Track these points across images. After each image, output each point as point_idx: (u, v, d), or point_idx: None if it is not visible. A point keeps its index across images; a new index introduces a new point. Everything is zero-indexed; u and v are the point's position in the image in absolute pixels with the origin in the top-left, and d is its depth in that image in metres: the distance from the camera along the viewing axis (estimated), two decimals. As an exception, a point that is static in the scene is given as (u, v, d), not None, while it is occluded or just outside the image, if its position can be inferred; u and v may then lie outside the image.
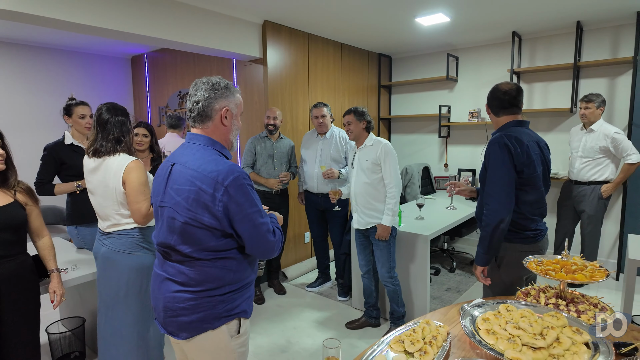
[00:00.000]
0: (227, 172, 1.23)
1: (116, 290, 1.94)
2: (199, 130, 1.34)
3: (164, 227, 1.32)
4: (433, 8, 3.39)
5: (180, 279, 1.28)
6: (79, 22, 2.63)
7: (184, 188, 1.24)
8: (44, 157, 2.57)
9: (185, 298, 1.27)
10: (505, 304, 1.28)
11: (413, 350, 1.29)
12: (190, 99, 1.33)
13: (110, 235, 1.93)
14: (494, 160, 1.80)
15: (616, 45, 3.86)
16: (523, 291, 1.57)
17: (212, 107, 1.31)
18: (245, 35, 3.58)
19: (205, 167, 1.24)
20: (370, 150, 2.69)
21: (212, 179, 1.22)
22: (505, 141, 1.79)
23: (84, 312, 2.69)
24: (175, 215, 1.26)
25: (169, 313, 1.30)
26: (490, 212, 1.78)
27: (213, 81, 1.32)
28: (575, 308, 1.39)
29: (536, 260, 1.53)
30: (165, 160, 1.40)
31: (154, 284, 1.39)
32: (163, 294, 1.32)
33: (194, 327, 1.28)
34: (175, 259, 1.30)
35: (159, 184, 1.36)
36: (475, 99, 4.78)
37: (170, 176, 1.30)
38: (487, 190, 1.81)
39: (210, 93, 1.30)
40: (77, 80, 4.98)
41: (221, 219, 1.23)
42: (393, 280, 2.73)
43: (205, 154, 1.28)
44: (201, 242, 1.25)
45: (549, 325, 1.15)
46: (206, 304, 1.28)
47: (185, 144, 1.36)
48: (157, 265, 1.40)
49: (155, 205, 1.37)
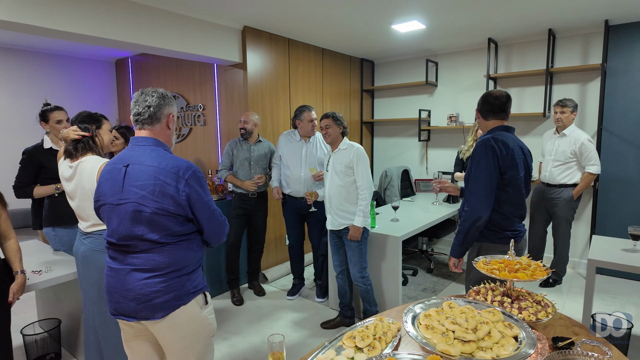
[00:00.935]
0: (186, 167, 1.45)
1: (98, 287, 2.01)
2: (146, 132, 1.52)
3: (125, 223, 1.44)
4: (408, 15, 3.48)
5: (150, 265, 1.43)
6: (58, 28, 2.67)
7: (148, 183, 1.41)
8: (23, 161, 2.61)
9: (156, 282, 1.43)
10: (448, 302, 1.36)
11: (363, 345, 1.36)
12: (139, 104, 1.51)
13: (90, 235, 2.01)
14: (479, 160, 1.91)
15: (586, 53, 3.99)
16: (475, 289, 1.65)
17: (161, 112, 1.52)
18: (225, 41, 3.64)
19: (166, 164, 1.43)
20: (344, 154, 2.77)
21: (174, 173, 1.42)
22: (492, 143, 1.90)
23: (60, 314, 2.73)
24: (141, 208, 1.41)
25: (142, 299, 1.43)
26: (470, 209, 1.90)
27: (161, 91, 1.54)
28: (518, 305, 1.47)
29: (484, 260, 1.61)
30: (112, 163, 1.51)
31: (113, 280, 1.47)
32: (131, 284, 1.43)
33: (168, 306, 1.44)
34: (142, 249, 1.44)
35: (112, 184, 1.48)
36: (453, 104, 4.89)
37: (127, 176, 1.44)
38: (470, 189, 1.92)
39: (160, 100, 1.51)
40: (60, 84, 5.00)
41: (184, 206, 1.44)
42: (364, 280, 2.80)
43: (159, 153, 1.47)
44: (168, 228, 1.43)
45: (484, 320, 1.22)
46: (176, 284, 1.46)
47: (134, 147, 1.50)
48: (115, 262, 1.49)
49: (110, 205, 1.48)
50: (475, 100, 4.66)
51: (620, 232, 3.53)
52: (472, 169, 1.95)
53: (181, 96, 4.58)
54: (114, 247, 1.48)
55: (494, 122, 2.04)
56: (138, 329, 1.55)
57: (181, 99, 4.58)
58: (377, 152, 5.71)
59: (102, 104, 5.38)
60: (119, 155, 1.52)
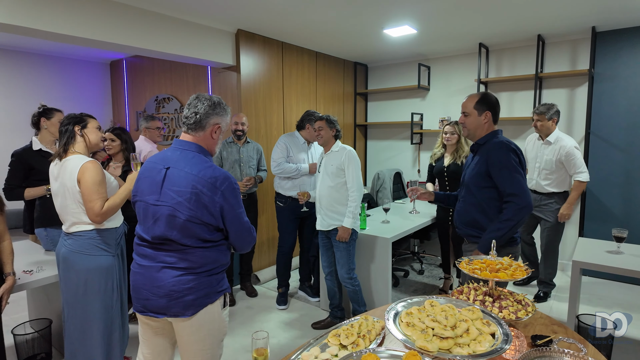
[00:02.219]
0: (223, 178, 1.49)
1: (75, 290, 2.01)
2: (190, 137, 1.55)
3: (160, 224, 1.48)
4: (399, 20, 3.54)
5: (183, 264, 1.48)
6: (53, 31, 2.70)
7: (186, 190, 1.45)
8: (13, 164, 2.62)
9: (189, 279, 1.47)
10: (430, 300, 1.40)
11: (347, 343, 1.39)
12: (190, 108, 1.54)
13: (71, 236, 2.01)
14: (507, 162, 1.90)
15: (574, 58, 4.07)
16: (458, 289, 1.69)
17: (208, 120, 1.55)
18: (218, 44, 3.68)
19: (204, 173, 1.47)
20: (336, 156, 2.81)
21: (211, 183, 1.46)
22: (512, 146, 1.95)
23: (51, 314, 2.73)
24: (176, 214, 1.45)
25: (174, 295, 1.47)
26: (518, 209, 1.88)
27: (215, 99, 1.57)
28: (499, 304, 1.51)
29: (467, 260, 1.65)
30: (154, 161, 1.54)
31: (142, 278, 1.51)
32: (164, 281, 1.47)
33: (198, 304, 1.50)
34: (175, 249, 1.48)
35: (150, 184, 1.51)
36: (445, 107, 4.95)
37: (167, 178, 1.48)
38: (511, 191, 1.89)
39: (209, 109, 1.54)
40: (55, 85, 5.01)
41: (217, 217, 1.48)
42: (352, 282, 2.83)
43: (200, 161, 1.50)
44: (199, 235, 1.48)
45: (464, 318, 1.26)
46: (206, 283, 1.51)
47: (177, 150, 1.54)
48: (145, 259, 1.52)
49: (145, 203, 1.52)
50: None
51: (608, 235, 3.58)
52: (501, 172, 1.91)
53: (175, 98, 4.60)
54: (147, 244, 1.52)
55: (495, 126, 2.07)
56: (160, 327, 1.59)
57: (175, 100, 4.60)
58: (370, 154, 5.76)
59: (97, 106, 5.39)
60: (161, 155, 1.56)
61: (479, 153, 2.04)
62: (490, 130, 2.05)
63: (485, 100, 2.04)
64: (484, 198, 2.00)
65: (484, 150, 2.00)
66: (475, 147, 2.09)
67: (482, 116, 2.03)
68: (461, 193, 2.16)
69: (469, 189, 2.05)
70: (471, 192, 2.04)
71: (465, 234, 2.11)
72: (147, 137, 3.58)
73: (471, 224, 2.05)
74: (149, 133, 3.59)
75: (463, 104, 2.12)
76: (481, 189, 2.00)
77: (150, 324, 1.58)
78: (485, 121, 2.04)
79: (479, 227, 2.02)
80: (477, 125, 2.05)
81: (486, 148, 2.00)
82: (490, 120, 2.04)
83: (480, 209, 2.01)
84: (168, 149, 1.58)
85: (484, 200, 2.00)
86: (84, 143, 2.05)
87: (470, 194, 2.05)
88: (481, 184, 2.00)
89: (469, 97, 2.11)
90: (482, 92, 2.11)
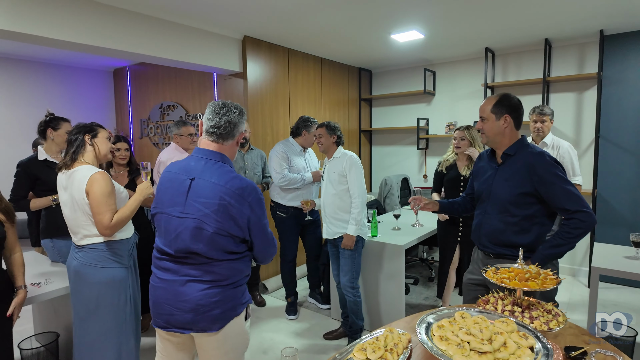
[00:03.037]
0: (251, 189, 1.44)
1: (87, 304, 1.95)
2: (215, 145, 1.49)
3: (183, 237, 1.41)
4: (407, 25, 3.52)
5: (209, 277, 1.42)
6: (60, 38, 2.67)
7: (213, 202, 1.39)
8: (18, 174, 2.57)
9: (215, 293, 1.42)
10: (461, 312, 1.35)
11: (374, 357, 1.33)
12: (220, 117, 1.48)
13: (82, 249, 1.95)
14: (559, 177, 1.72)
15: (582, 62, 4.05)
16: (483, 299, 1.64)
17: (237, 130, 1.52)
18: (225, 50, 3.65)
19: (232, 183, 1.42)
20: (338, 163, 2.77)
21: (239, 194, 1.41)
22: (553, 157, 1.78)
23: (57, 327, 2.67)
24: (203, 226, 1.39)
25: (201, 310, 1.41)
26: (587, 221, 1.69)
27: (240, 107, 1.54)
28: (529, 314, 1.46)
29: (493, 269, 1.60)
30: (174, 172, 1.47)
31: (164, 293, 1.45)
32: (189, 295, 1.41)
33: (225, 317, 1.45)
34: (200, 262, 1.42)
35: (173, 195, 1.45)
36: (451, 112, 4.92)
37: (192, 190, 1.42)
38: (573, 207, 1.69)
39: (239, 118, 1.52)
40: (59, 93, 4.98)
41: (244, 229, 1.44)
42: (354, 291, 2.77)
43: (226, 171, 1.45)
44: (225, 247, 1.43)
45: (498, 330, 1.21)
46: (232, 295, 1.47)
47: (201, 159, 1.47)
48: (168, 272, 1.46)
49: (168, 216, 1.45)
50: (473, 109, 4.70)
51: (619, 239, 3.55)
52: (557, 184, 1.71)
53: (180, 105, 4.57)
54: (169, 258, 1.45)
55: (517, 132, 1.87)
56: (182, 342, 1.53)
57: (180, 108, 4.57)
58: (375, 160, 5.72)
59: (100, 114, 5.35)
60: (182, 165, 1.49)
61: (509, 165, 1.83)
62: (513, 136, 1.84)
63: (504, 102, 1.82)
64: (526, 216, 1.79)
65: (520, 164, 1.79)
66: (503, 158, 1.86)
67: (501, 120, 1.82)
68: (487, 208, 1.91)
69: (506, 207, 1.82)
70: (508, 210, 1.81)
71: (495, 253, 1.88)
72: (179, 145, 3.29)
73: (506, 244, 1.83)
74: (181, 140, 3.29)
75: (480, 107, 1.91)
76: (522, 207, 1.79)
77: (171, 339, 1.52)
78: (505, 126, 1.81)
79: (514, 246, 1.80)
80: (497, 131, 1.83)
81: (522, 161, 1.79)
82: (511, 125, 1.82)
83: (519, 228, 1.80)
84: (189, 157, 1.52)
85: (525, 219, 1.79)
86: (93, 153, 2.00)
87: (507, 213, 1.82)
88: (523, 202, 1.78)
89: (486, 99, 1.91)
90: (501, 94, 1.87)
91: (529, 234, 1.81)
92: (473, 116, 4.69)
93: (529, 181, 1.76)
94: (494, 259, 1.90)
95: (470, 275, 2.03)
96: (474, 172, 2.09)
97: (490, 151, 1.99)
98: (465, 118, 4.77)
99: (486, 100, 1.91)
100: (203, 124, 1.54)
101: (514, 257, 1.82)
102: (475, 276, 1.98)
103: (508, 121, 1.83)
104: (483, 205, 1.95)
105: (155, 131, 4.92)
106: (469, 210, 2.16)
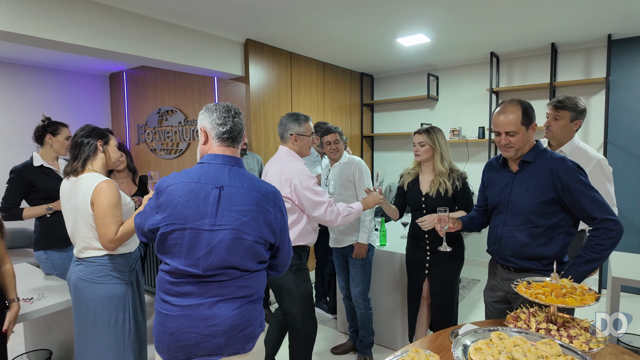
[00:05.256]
0: (276, 192, 1.41)
1: (84, 321, 1.82)
2: (231, 151, 1.42)
3: (218, 251, 1.28)
4: (414, 29, 3.44)
5: (242, 293, 1.33)
6: (59, 40, 2.57)
7: (251, 209, 1.32)
8: (11, 181, 2.43)
9: (249, 309, 1.35)
10: (497, 332, 1.24)
11: (403, 383, 1.22)
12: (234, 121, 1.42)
13: (82, 261, 1.83)
14: (584, 184, 1.61)
15: (589, 66, 4.00)
16: (513, 315, 1.53)
17: (243, 132, 1.47)
18: (227, 54, 3.55)
19: (265, 188, 1.38)
20: (345, 168, 2.66)
21: (270, 199, 1.37)
22: (576, 163, 1.66)
23: (51, 344, 2.52)
24: (241, 236, 1.30)
25: (234, 330, 1.31)
26: (616, 229, 1.58)
27: (240, 110, 1.48)
28: (567, 333, 1.35)
29: (525, 283, 1.50)
30: (192, 182, 1.32)
31: (188, 321, 1.28)
32: (222, 317, 1.29)
33: (255, 334, 1.37)
34: (233, 277, 1.32)
35: (199, 207, 1.29)
36: (455, 118, 4.85)
37: (223, 199, 1.31)
38: (600, 216, 1.59)
39: (243, 121, 1.48)
40: (53, 98, 4.83)
41: (277, 234, 1.40)
42: (366, 304, 2.64)
43: (251, 176, 1.40)
44: (260, 257, 1.36)
45: (543, 354, 1.10)
46: (259, 309, 1.41)
47: (225, 166, 1.38)
48: (190, 297, 1.29)
49: (196, 231, 1.29)
50: (478, 114, 4.63)
51: (630, 247, 3.46)
52: (578, 195, 1.60)
53: (179, 110, 4.45)
54: (192, 280, 1.30)
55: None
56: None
57: (179, 113, 4.45)
58: (377, 166, 5.63)
59: (95, 119, 5.21)
60: (198, 174, 1.33)
61: (528, 172, 1.73)
62: (531, 142, 1.76)
63: (529, 111, 1.72)
64: (550, 226, 1.68)
65: (541, 171, 1.68)
66: (521, 165, 1.75)
67: (530, 130, 1.72)
68: (506, 220, 1.78)
69: (528, 218, 1.70)
70: (531, 221, 1.69)
71: (520, 268, 1.74)
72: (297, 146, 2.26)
73: (533, 257, 1.71)
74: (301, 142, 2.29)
75: (503, 122, 1.70)
76: (546, 217, 1.67)
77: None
78: (532, 134, 1.74)
79: (540, 259, 1.70)
80: (526, 142, 1.72)
81: (542, 167, 1.68)
82: (526, 131, 1.72)
83: (546, 240, 1.68)
84: (203, 165, 1.37)
85: (550, 229, 1.68)
86: (103, 160, 1.88)
87: (530, 224, 1.70)
88: (546, 212, 1.67)
89: (506, 112, 1.70)
90: (520, 102, 1.73)
91: (554, 245, 1.70)
92: (477, 121, 4.62)
93: (552, 188, 1.65)
94: (514, 273, 1.77)
95: (491, 292, 1.91)
96: (485, 182, 1.97)
97: (502, 159, 1.86)
98: (469, 123, 4.70)
99: (506, 113, 1.71)
100: (209, 130, 1.40)
101: (539, 271, 1.71)
102: (495, 293, 1.87)
103: (535, 128, 1.75)
104: (500, 216, 1.81)
105: (152, 137, 4.78)
106: (486, 224, 2.02)
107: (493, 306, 1.91)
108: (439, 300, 2.34)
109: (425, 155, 2.34)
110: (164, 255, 1.34)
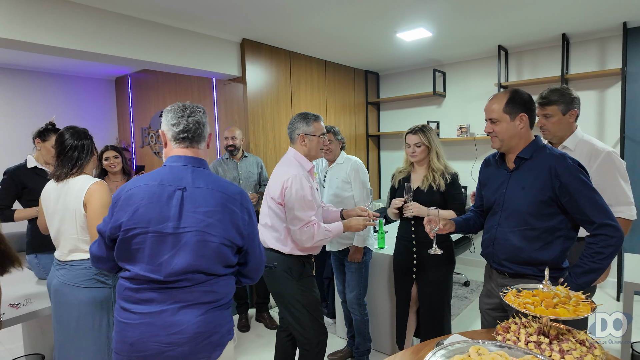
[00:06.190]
0: (243, 192, 1.37)
1: (67, 327, 1.79)
2: (191, 151, 1.36)
3: (183, 254, 1.23)
4: (413, 23, 3.32)
5: (208, 298, 1.28)
6: (57, 45, 2.58)
7: (216, 209, 1.28)
8: (4, 182, 2.45)
9: (215, 315, 1.30)
10: (476, 346, 1.13)
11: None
12: (188, 119, 1.36)
13: (65, 265, 1.80)
14: (586, 179, 1.49)
15: (603, 57, 3.79)
16: (503, 325, 1.41)
17: (206, 130, 1.41)
18: (223, 54, 3.51)
19: (231, 189, 1.33)
20: (341, 168, 2.58)
21: (237, 200, 1.33)
22: (577, 160, 1.52)
23: (44, 349, 2.51)
24: (207, 238, 1.26)
25: (200, 338, 1.26)
26: (616, 236, 1.45)
27: (202, 107, 1.43)
28: (559, 347, 1.23)
29: (514, 291, 1.38)
30: (150, 184, 1.27)
31: (150, 329, 1.22)
32: (185, 324, 1.24)
33: (223, 341, 1.33)
34: (198, 281, 1.27)
35: (162, 210, 1.24)
36: (463, 114, 4.68)
37: (186, 200, 1.26)
38: (600, 220, 1.46)
39: (205, 117, 1.42)
40: (60, 103, 4.91)
41: (245, 236, 1.34)
42: (362, 309, 2.55)
43: (217, 177, 1.35)
44: (227, 260, 1.31)
45: (524, 373, 0.99)
46: (227, 316, 1.35)
47: (187, 167, 1.33)
48: (152, 304, 1.24)
49: (159, 234, 1.24)
50: (486, 110, 4.45)
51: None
52: (576, 195, 1.48)
53: (180, 113, 4.44)
54: (155, 285, 1.24)
55: (531, 132, 1.63)
56: None
57: (180, 115, 4.44)
58: (384, 166, 5.51)
59: (102, 123, 5.27)
60: (160, 176, 1.29)
61: (524, 170, 1.60)
62: (528, 137, 1.61)
63: (517, 99, 1.58)
64: (548, 229, 1.55)
65: (539, 168, 1.56)
66: (517, 162, 1.63)
67: (517, 120, 1.58)
68: (500, 221, 1.66)
69: (524, 219, 1.57)
70: (527, 223, 1.57)
71: (515, 273, 1.62)
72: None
73: (529, 262, 1.58)
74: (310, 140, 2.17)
75: (487, 108, 1.65)
76: (544, 219, 1.55)
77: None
78: (522, 126, 1.58)
79: (536, 264, 1.57)
80: (512, 133, 1.59)
81: (540, 165, 1.56)
82: (526, 124, 1.59)
83: (542, 244, 1.55)
84: (165, 167, 1.32)
85: (547, 233, 1.55)
86: (94, 163, 1.93)
87: (526, 226, 1.58)
88: (544, 213, 1.54)
89: (494, 98, 1.65)
90: (510, 90, 1.62)
91: (552, 250, 1.56)
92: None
93: (550, 187, 1.52)
94: (509, 278, 1.65)
95: (486, 299, 1.78)
96: (481, 180, 1.84)
97: (499, 155, 1.75)
98: (478, 120, 4.52)
99: (493, 99, 1.65)
100: (166, 132, 1.36)
101: (535, 276, 1.58)
102: (491, 299, 1.74)
103: (524, 121, 1.60)
104: (495, 217, 1.69)
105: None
106: (483, 226, 1.87)
107: (489, 314, 1.79)
108: (427, 307, 2.23)
109: (422, 156, 2.25)
110: (125, 262, 1.29)
